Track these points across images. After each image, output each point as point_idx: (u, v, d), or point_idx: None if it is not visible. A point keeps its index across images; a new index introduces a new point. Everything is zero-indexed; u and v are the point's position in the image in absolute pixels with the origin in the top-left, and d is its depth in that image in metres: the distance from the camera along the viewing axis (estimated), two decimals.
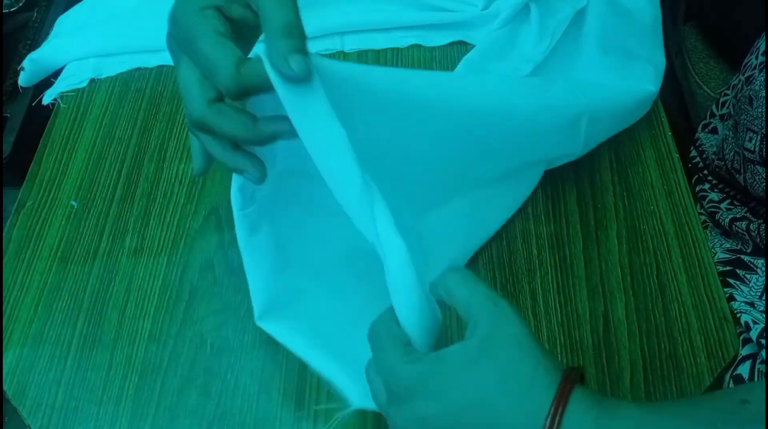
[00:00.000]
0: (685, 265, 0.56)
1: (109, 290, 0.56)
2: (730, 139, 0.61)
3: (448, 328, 0.53)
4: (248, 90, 0.35)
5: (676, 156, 0.63)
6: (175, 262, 0.57)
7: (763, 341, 0.51)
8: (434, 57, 0.71)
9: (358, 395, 0.41)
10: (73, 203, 0.61)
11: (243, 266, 0.56)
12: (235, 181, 0.43)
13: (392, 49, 0.72)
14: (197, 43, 0.35)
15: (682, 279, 0.56)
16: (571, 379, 0.32)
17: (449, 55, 0.71)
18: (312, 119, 0.35)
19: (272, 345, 0.52)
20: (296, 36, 0.34)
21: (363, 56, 0.71)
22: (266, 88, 0.35)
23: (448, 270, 0.37)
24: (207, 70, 0.35)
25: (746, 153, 0.57)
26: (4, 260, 0.58)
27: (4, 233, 0.60)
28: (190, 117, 0.37)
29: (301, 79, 0.34)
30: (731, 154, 0.60)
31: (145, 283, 0.56)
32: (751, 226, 0.58)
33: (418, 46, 0.72)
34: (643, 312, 0.54)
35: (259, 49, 0.35)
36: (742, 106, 0.58)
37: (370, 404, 0.40)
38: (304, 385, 0.51)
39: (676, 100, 0.79)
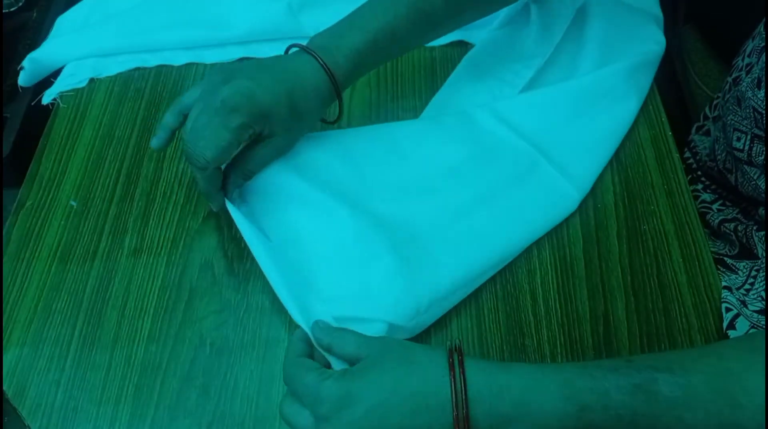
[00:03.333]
0: (686, 265, 0.56)
1: (108, 290, 0.56)
2: (721, 140, 0.61)
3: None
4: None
5: (677, 156, 0.63)
6: (175, 261, 0.57)
7: (730, 333, 0.52)
8: (434, 57, 0.71)
9: (296, 313, 0.49)
10: (73, 203, 0.61)
11: (242, 266, 0.57)
12: None
13: None
14: None
15: (683, 279, 0.56)
16: (456, 347, 0.41)
17: (449, 55, 0.71)
18: None
19: (272, 344, 0.53)
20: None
21: None
22: None
23: (331, 331, 0.46)
24: None
25: (735, 152, 0.57)
26: (4, 260, 0.58)
27: (3, 233, 0.59)
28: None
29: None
30: (723, 154, 0.61)
31: (144, 283, 0.56)
32: (739, 228, 0.58)
33: (419, 45, 0.72)
34: (643, 312, 0.54)
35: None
36: (730, 107, 0.58)
37: (304, 323, 0.48)
38: None
39: (676, 100, 0.79)
